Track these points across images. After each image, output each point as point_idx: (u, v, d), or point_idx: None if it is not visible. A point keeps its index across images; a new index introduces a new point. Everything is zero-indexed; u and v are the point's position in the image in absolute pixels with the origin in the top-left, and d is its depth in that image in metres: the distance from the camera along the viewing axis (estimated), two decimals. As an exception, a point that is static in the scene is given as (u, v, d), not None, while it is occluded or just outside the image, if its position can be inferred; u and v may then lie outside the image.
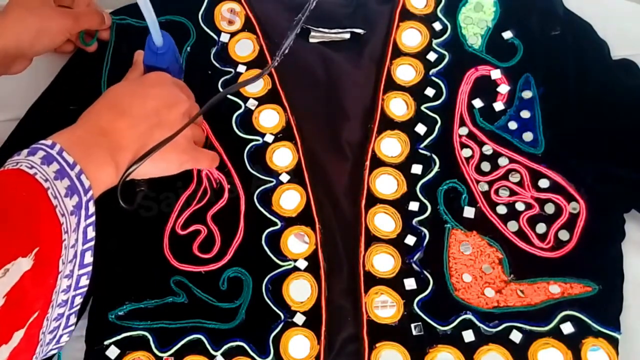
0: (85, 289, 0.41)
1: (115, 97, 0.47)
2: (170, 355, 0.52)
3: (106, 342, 0.52)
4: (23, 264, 0.33)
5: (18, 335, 0.34)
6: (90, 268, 0.40)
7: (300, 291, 0.53)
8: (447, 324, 0.52)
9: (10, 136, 0.59)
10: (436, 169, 0.57)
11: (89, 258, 0.40)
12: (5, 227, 0.33)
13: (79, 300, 0.41)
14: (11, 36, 0.51)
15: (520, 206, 0.56)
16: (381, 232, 0.55)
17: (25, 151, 0.39)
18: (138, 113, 0.46)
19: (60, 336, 0.41)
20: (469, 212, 0.56)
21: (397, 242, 0.55)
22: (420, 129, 0.59)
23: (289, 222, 0.56)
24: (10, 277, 0.32)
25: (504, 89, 0.60)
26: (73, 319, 0.41)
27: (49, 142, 0.39)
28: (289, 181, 0.57)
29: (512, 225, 0.55)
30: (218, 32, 0.64)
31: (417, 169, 0.57)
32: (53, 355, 0.48)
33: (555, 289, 0.53)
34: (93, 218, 0.40)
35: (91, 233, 0.40)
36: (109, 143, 0.43)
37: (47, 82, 0.61)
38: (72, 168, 0.39)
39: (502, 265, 0.54)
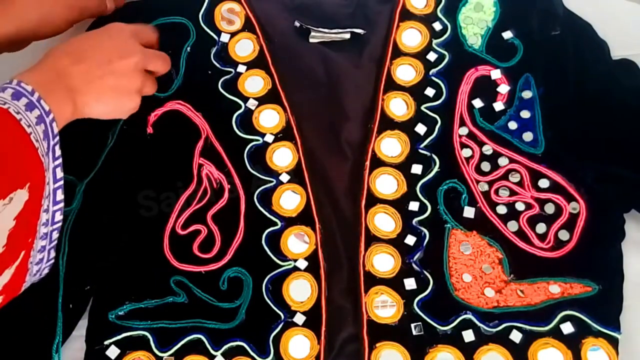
0: (60, 224, 0.46)
1: (74, 44, 0.51)
2: (170, 355, 0.52)
3: (106, 342, 0.52)
4: (23, 195, 0.40)
5: (20, 256, 0.41)
6: (62, 205, 0.45)
7: (300, 291, 0.53)
8: (447, 323, 0.52)
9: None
10: (436, 169, 0.57)
11: (60, 195, 0.45)
12: (4, 165, 0.39)
13: (55, 235, 0.46)
14: (13, 24, 0.53)
15: (520, 206, 0.56)
16: (381, 232, 0.55)
17: (8, 92, 0.43)
18: (92, 60, 0.50)
19: (43, 269, 0.47)
20: (469, 212, 0.56)
21: (397, 242, 0.55)
22: (420, 129, 0.59)
23: (289, 222, 0.56)
24: (15, 204, 0.39)
25: (504, 89, 0.60)
26: (52, 253, 0.47)
27: (29, 87, 0.44)
28: (289, 181, 0.57)
29: (512, 225, 0.55)
30: (218, 32, 0.64)
31: (417, 169, 0.57)
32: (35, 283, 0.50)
33: (555, 289, 0.53)
34: (60, 160, 0.45)
35: (60, 173, 0.45)
36: (66, 85, 0.48)
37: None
38: (48, 115, 0.44)
39: (502, 265, 0.54)
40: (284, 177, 0.57)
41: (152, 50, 0.57)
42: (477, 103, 0.60)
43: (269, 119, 0.60)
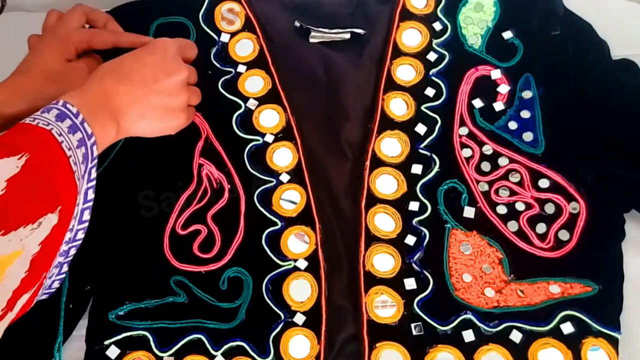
0: (80, 242, 0.46)
1: (120, 63, 0.50)
2: (170, 355, 0.52)
3: (106, 342, 0.52)
4: (52, 219, 0.39)
5: (41, 278, 0.41)
6: (86, 224, 0.45)
7: (300, 291, 0.53)
8: (447, 323, 0.52)
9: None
10: (436, 169, 0.57)
11: (87, 215, 0.45)
12: (39, 188, 0.39)
13: (73, 251, 0.46)
14: (26, 102, 0.50)
15: (520, 206, 0.56)
16: (381, 232, 0.55)
17: (53, 113, 0.43)
18: (137, 79, 0.49)
19: (53, 281, 0.46)
20: (469, 212, 0.56)
21: (397, 242, 0.55)
22: (421, 129, 0.59)
23: (289, 222, 0.56)
24: (43, 228, 0.38)
25: (504, 89, 0.60)
26: (65, 268, 0.47)
27: (74, 109, 0.44)
28: (289, 181, 0.57)
29: (512, 225, 0.55)
30: (218, 32, 0.64)
31: (417, 169, 0.57)
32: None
33: (555, 288, 0.53)
34: (94, 182, 0.45)
35: (91, 195, 0.45)
36: (110, 105, 0.47)
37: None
38: (90, 139, 0.44)
39: (502, 265, 0.54)
40: (284, 177, 0.57)
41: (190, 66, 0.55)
42: (477, 103, 0.60)
43: (269, 119, 0.60)
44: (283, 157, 0.58)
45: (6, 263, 0.36)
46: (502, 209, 0.56)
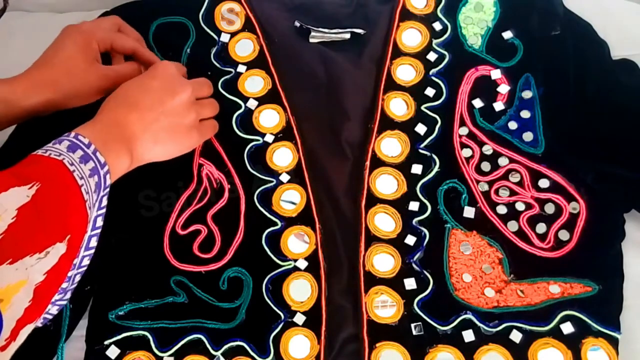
0: (85, 269, 0.46)
1: (126, 92, 0.51)
2: (170, 355, 0.52)
3: (106, 342, 0.52)
4: (60, 248, 0.39)
5: (47, 307, 0.41)
6: (92, 251, 0.45)
7: (300, 291, 0.53)
8: (447, 323, 0.52)
9: (11, 135, 0.59)
10: (436, 169, 0.57)
11: (93, 242, 0.45)
12: (49, 217, 0.39)
13: (78, 277, 0.46)
14: (43, 95, 0.51)
15: (520, 206, 0.56)
16: (381, 232, 0.55)
17: (65, 144, 0.43)
18: (145, 105, 0.50)
19: (55, 306, 0.46)
20: (469, 212, 0.56)
21: (397, 242, 0.55)
22: (421, 129, 0.59)
23: (289, 222, 0.56)
24: (50, 258, 0.38)
25: (504, 89, 0.60)
26: (69, 295, 0.46)
27: (85, 140, 0.44)
28: (289, 181, 0.57)
29: (512, 225, 0.55)
30: (218, 32, 0.64)
31: (417, 169, 0.57)
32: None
33: (555, 288, 0.53)
34: (104, 210, 0.46)
35: (100, 222, 0.45)
36: (124, 134, 0.48)
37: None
38: (102, 167, 0.45)
39: (502, 265, 0.54)
40: (284, 177, 0.57)
41: (196, 80, 0.56)
42: (477, 103, 0.60)
43: (269, 119, 0.60)
44: (283, 157, 0.58)
45: (13, 291, 0.35)
46: (502, 209, 0.56)
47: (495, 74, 0.61)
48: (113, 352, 0.52)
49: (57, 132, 0.45)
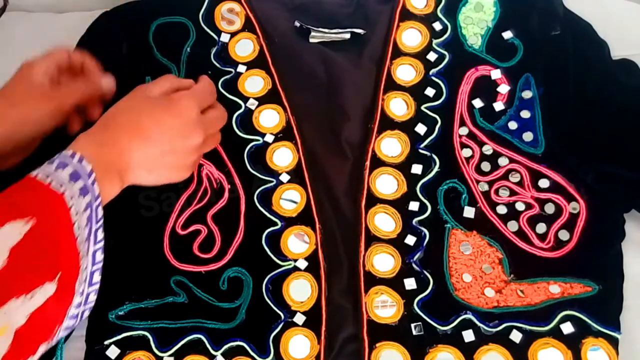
0: (93, 303, 0.44)
1: (138, 117, 0.48)
2: (170, 355, 0.52)
3: (106, 342, 0.52)
4: (49, 289, 0.37)
5: (42, 347, 0.39)
6: (97, 286, 0.44)
7: (300, 291, 0.53)
8: (447, 323, 0.52)
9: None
10: (436, 169, 0.57)
11: (97, 277, 0.44)
12: (40, 257, 0.37)
13: (87, 314, 0.44)
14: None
15: (520, 206, 0.56)
16: (381, 232, 0.55)
17: (67, 171, 0.41)
18: (151, 138, 0.47)
19: (59, 337, 0.44)
20: (469, 212, 0.56)
21: (397, 242, 0.55)
22: (421, 129, 0.59)
23: (289, 222, 0.56)
24: (36, 300, 0.36)
25: (504, 89, 0.60)
26: (73, 330, 0.45)
27: (88, 168, 0.43)
28: (289, 181, 0.57)
29: (512, 225, 0.55)
30: (218, 32, 0.64)
31: (417, 169, 0.57)
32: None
33: (555, 288, 0.53)
34: (102, 243, 0.44)
35: (99, 256, 0.43)
36: (122, 161, 0.46)
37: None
38: (96, 200, 0.43)
39: (502, 265, 0.54)
40: (284, 177, 0.57)
41: (199, 89, 0.53)
42: (477, 103, 0.60)
43: (269, 119, 0.60)
44: (283, 157, 0.58)
45: None
46: (502, 209, 0.56)
47: (495, 74, 0.61)
48: (113, 352, 0.52)
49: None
